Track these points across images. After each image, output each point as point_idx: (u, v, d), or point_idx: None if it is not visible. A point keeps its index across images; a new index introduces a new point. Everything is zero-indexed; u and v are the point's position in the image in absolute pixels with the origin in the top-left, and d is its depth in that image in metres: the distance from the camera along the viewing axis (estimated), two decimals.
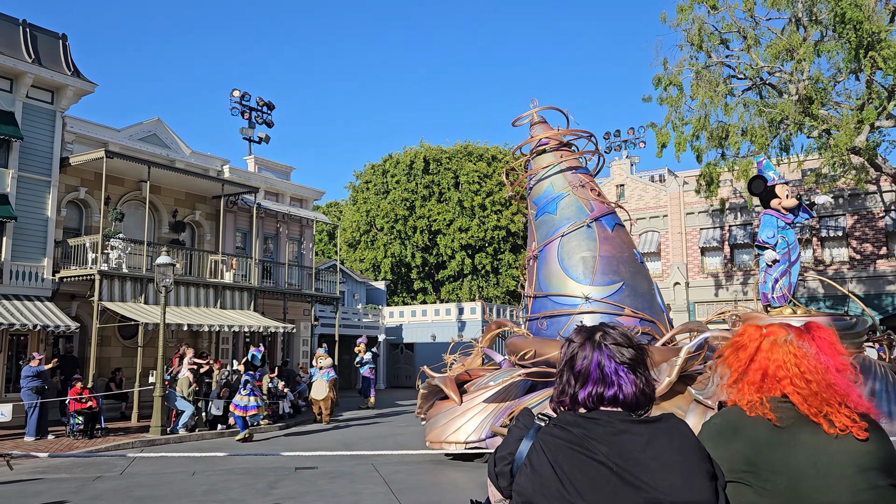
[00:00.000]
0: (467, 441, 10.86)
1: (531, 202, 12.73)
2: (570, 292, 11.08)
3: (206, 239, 23.64)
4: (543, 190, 12.40)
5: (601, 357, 1.96)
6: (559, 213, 11.98)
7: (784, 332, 2.15)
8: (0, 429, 15.75)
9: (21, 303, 17.73)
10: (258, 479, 10.47)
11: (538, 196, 12.47)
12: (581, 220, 11.66)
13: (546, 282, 11.60)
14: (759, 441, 2.04)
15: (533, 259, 12.12)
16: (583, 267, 11.17)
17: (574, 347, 2.02)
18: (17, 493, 9.49)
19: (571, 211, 11.88)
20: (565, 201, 12.05)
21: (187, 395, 16.28)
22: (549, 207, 12.13)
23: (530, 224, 12.54)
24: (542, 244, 11.96)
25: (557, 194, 12.17)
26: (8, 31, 18.73)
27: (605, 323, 2.12)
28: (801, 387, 2.04)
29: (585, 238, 11.47)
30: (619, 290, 10.99)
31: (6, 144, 18.28)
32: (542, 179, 12.52)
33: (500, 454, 2.09)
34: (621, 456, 1.87)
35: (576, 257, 11.29)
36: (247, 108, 27.72)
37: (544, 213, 12.21)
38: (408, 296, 44.08)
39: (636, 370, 1.95)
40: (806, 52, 17.66)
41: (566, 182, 12.30)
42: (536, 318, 11.60)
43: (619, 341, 1.99)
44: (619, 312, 10.81)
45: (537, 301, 11.65)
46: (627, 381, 1.93)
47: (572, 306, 11.01)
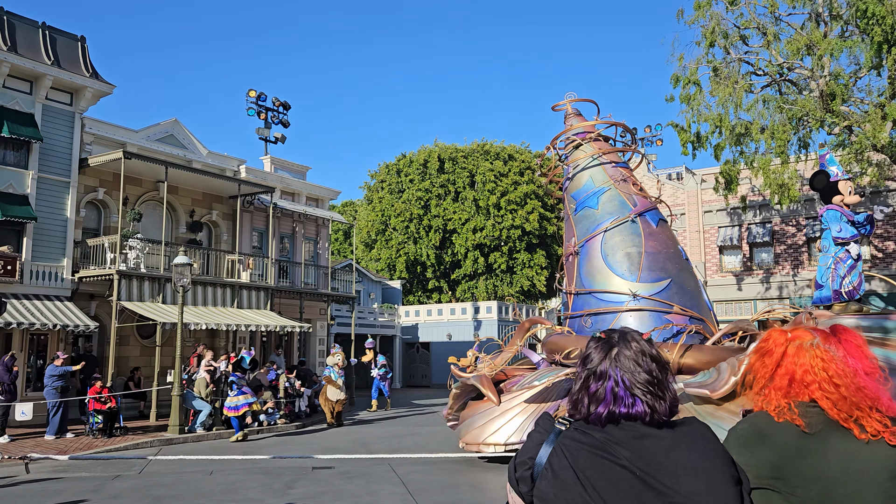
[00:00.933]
0: (507, 443, 10.42)
1: (569, 196, 12.28)
2: (616, 289, 10.67)
3: (222, 239, 23.77)
4: (583, 184, 11.88)
5: (616, 376, 1.92)
6: (601, 208, 11.56)
7: (810, 336, 2.10)
8: (21, 427, 15.93)
9: (41, 302, 17.92)
10: (275, 479, 10.49)
11: (577, 190, 12.03)
12: (624, 215, 11.19)
13: (589, 278, 11.16)
14: (788, 447, 1.99)
15: (573, 255, 11.70)
16: (628, 263, 10.79)
17: (592, 361, 1.98)
18: (38, 492, 9.57)
19: (614, 205, 11.42)
20: (607, 195, 11.64)
21: (205, 396, 16.38)
22: (590, 202, 11.71)
23: (568, 219, 12.08)
24: (584, 239, 11.53)
25: (599, 188, 11.75)
26: (28, 34, 18.93)
27: (625, 333, 2.05)
28: (829, 391, 1.99)
29: (630, 233, 11.06)
30: (667, 288, 10.56)
31: (26, 146, 18.48)
32: (580, 173, 12.07)
33: (520, 459, 2.05)
34: (644, 460, 1.84)
35: (620, 253, 10.90)
36: (263, 108, 27.83)
37: (585, 208, 11.79)
38: (423, 295, 44.10)
39: (650, 393, 1.90)
40: (827, 47, 17.41)
41: (607, 176, 11.80)
42: (579, 315, 11.15)
43: (636, 356, 1.94)
44: (668, 310, 10.34)
45: (579, 298, 11.25)
46: (641, 401, 1.89)
47: (618, 303, 10.59)
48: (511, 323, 37.18)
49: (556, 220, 41.30)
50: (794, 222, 28.78)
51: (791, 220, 28.76)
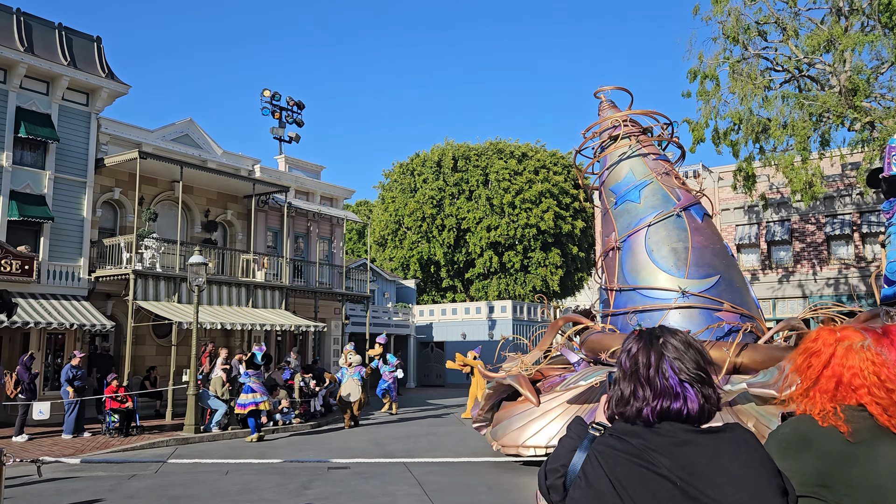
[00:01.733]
0: (549, 445, 10.04)
1: (607, 190, 11.80)
2: (663, 285, 10.26)
3: (237, 238, 23.82)
4: (623, 177, 11.43)
5: (665, 367, 1.82)
6: (643, 202, 11.04)
7: (860, 337, 1.98)
8: (39, 426, 16.01)
9: (58, 302, 18.02)
10: (291, 479, 10.44)
11: (617, 183, 11.56)
12: (668, 210, 10.77)
13: (633, 274, 10.68)
14: (834, 453, 1.88)
15: (614, 250, 11.26)
16: (674, 258, 10.38)
17: (636, 356, 1.88)
18: (54, 492, 9.58)
19: (657, 199, 10.99)
20: (649, 189, 11.13)
21: (221, 395, 16.38)
22: (631, 195, 11.26)
23: (607, 213, 11.60)
24: (626, 234, 11.08)
25: (640, 181, 11.28)
26: (44, 35, 19.04)
27: (664, 327, 1.97)
28: (880, 396, 1.88)
29: (675, 228, 10.66)
30: (716, 284, 10.13)
31: (43, 146, 18.58)
32: (619, 166, 11.62)
33: (551, 466, 1.95)
34: (685, 469, 1.73)
35: (666, 248, 10.49)
36: (277, 107, 27.87)
37: (625, 202, 11.30)
38: (437, 294, 44.05)
39: (699, 382, 1.81)
40: (848, 42, 17.12)
41: (648, 168, 11.31)
42: (623, 312, 10.66)
43: (682, 350, 1.85)
44: (718, 307, 9.91)
45: (623, 295, 10.81)
46: (692, 393, 1.79)
47: (666, 300, 10.16)
48: (527, 322, 37.02)
49: (571, 218, 41.08)
50: (815, 220, 28.42)
51: (811, 217, 28.40)
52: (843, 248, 28.31)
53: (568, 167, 43.04)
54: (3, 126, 17.79)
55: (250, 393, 15.62)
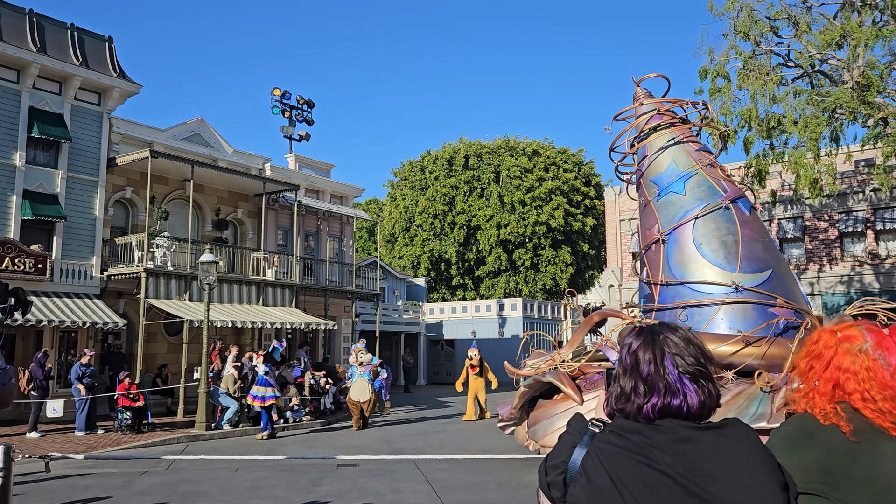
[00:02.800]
0: None
1: (648, 181, 11.36)
2: (713, 279, 9.88)
3: (248, 236, 23.93)
4: (665, 167, 10.99)
5: (666, 364, 1.82)
6: (688, 193, 10.57)
7: (861, 340, 1.97)
8: (52, 423, 16.17)
9: (71, 300, 18.17)
10: (300, 476, 10.48)
11: (659, 174, 11.08)
12: (716, 202, 10.37)
13: (680, 268, 10.26)
14: (838, 449, 1.87)
15: (658, 243, 10.89)
16: (724, 252, 9.99)
17: (636, 352, 1.87)
18: (66, 488, 9.67)
19: (703, 191, 10.58)
20: (694, 180, 10.68)
21: (232, 392, 16.47)
22: (676, 187, 10.83)
23: (648, 205, 11.13)
24: (672, 227, 10.68)
25: (684, 172, 10.85)
26: (57, 35, 19.19)
27: (664, 323, 1.97)
28: (871, 402, 1.87)
29: (723, 221, 10.26)
30: (769, 279, 9.72)
31: (56, 146, 18.74)
32: (660, 156, 11.20)
33: (551, 462, 1.95)
34: (686, 465, 1.73)
35: (715, 241, 10.09)
36: (287, 106, 27.95)
37: (669, 193, 10.82)
38: (447, 292, 44.07)
39: (700, 378, 1.82)
40: (862, 37, 16.95)
41: (691, 159, 10.91)
42: (672, 307, 10.25)
43: (682, 346, 1.85)
44: (772, 303, 9.46)
45: (670, 289, 10.37)
46: (692, 389, 1.80)
47: (717, 295, 9.74)
48: (537, 320, 36.97)
49: (582, 216, 40.97)
50: (827, 217, 28.19)
51: (823, 214, 28.18)
52: (856, 245, 28.06)
53: (578, 164, 42.92)
54: (17, 126, 17.95)
55: (267, 386, 15.63)
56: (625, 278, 36.04)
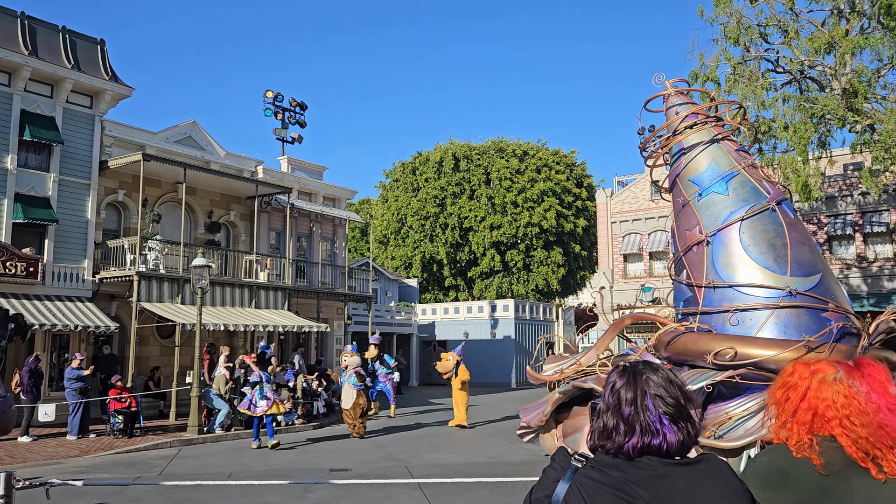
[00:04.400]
0: None
1: (686, 181, 10.97)
2: (765, 282, 9.49)
3: (240, 239, 23.94)
4: (706, 167, 10.58)
5: (647, 404, 1.90)
6: (732, 194, 10.18)
7: (833, 370, 2.07)
8: (44, 427, 16.15)
9: (63, 303, 18.15)
10: (293, 483, 10.54)
11: (698, 174, 10.59)
12: (761, 203, 9.99)
13: (727, 270, 9.86)
14: (811, 486, 1.96)
15: (701, 244, 10.61)
16: (774, 255, 9.61)
17: (619, 391, 1.96)
18: (60, 494, 9.69)
19: (746, 192, 10.17)
20: (737, 180, 10.25)
21: (224, 393, 16.48)
22: (717, 187, 10.46)
23: (687, 205, 10.82)
24: (717, 227, 10.23)
25: (726, 172, 10.34)
26: (48, 38, 19.14)
27: (649, 362, 2.06)
28: (850, 428, 1.96)
29: (770, 223, 9.89)
30: (820, 283, 9.42)
31: (48, 149, 18.70)
32: (699, 156, 10.84)
33: (536, 496, 2.04)
34: (663, 500, 1.82)
35: (764, 244, 9.71)
36: (280, 108, 27.96)
37: (711, 193, 10.34)
38: (439, 293, 44.13)
39: (679, 420, 1.89)
40: (849, 45, 17.13)
41: (732, 160, 10.54)
42: (722, 311, 9.67)
43: (663, 386, 1.93)
44: (824, 307, 9.17)
45: (717, 292, 9.96)
46: (671, 430, 1.88)
47: (770, 299, 9.35)
48: (528, 321, 37.08)
49: (573, 217, 41.10)
50: (816, 220, 28.41)
51: (812, 218, 28.39)
52: (844, 248, 28.30)
53: (570, 166, 43.05)
54: (8, 129, 17.91)
55: (262, 399, 14.40)
56: (616, 280, 36.18)
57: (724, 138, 10.70)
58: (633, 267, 35.91)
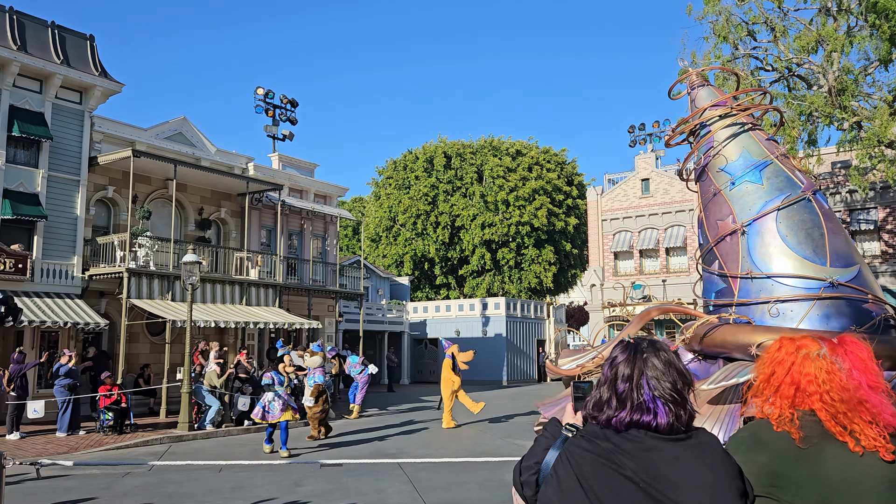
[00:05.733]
0: None
1: (718, 170, 10.96)
2: (804, 273, 9.75)
3: (231, 236, 23.87)
4: (737, 156, 10.69)
5: (642, 383, 1.93)
6: (766, 183, 10.28)
7: (817, 346, 2.11)
8: (33, 424, 16.07)
9: (52, 300, 18.06)
10: (283, 477, 10.55)
11: (730, 163, 10.70)
12: (796, 193, 10.20)
13: (765, 260, 9.97)
14: (786, 454, 2.00)
15: (735, 234, 10.36)
16: (812, 245, 9.72)
17: (618, 366, 1.99)
18: (48, 490, 9.66)
19: (781, 181, 10.30)
20: (771, 170, 10.42)
21: (215, 387, 16.43)
22: (751, 176, 10.41)
23: (719, 194, 10.73)
24: (752, 218, 10.26)
25: (759, 161, 10.47)
26: (37, 33, 19.03)
27: (654, 341, 2.06)
28: (829, 403, 2.00)
29: (806, 213, 9.93)
30: (859, 274, 9.64)
31: (36, 145, 18.60)
32: (730, 145, 10.73)
33: (526, 463, 2.07)
34: (649, 472, 1.84)
35: (802, 234, 9.81)
36: (271, 105, 27.89)
37: (744, 182, 10.48)
38: (431, 291, 44.14)
39: (673, 402, 1.92)
40: (836, 43, 17.26)
41: (764, 149, 10.77)
42: (762, 302, 9.81)
43: (662, 369, 1.95)
44: (865, 299, 9.37)
45: (755, 283, 10.22)
46: (663, 411, 1.90)
47: (811, 290, 9.56)
48: (520, 319, 37.15)
49: (564, 215, 41.22)
50: None
51: None
52: None
53: (561, 164, 43.16)
54: None
55: (279, 400, 13.04)
56: (606, 277, 36.29)
57: (754, 127, 10.72)
58: (624, 264, 36.05)
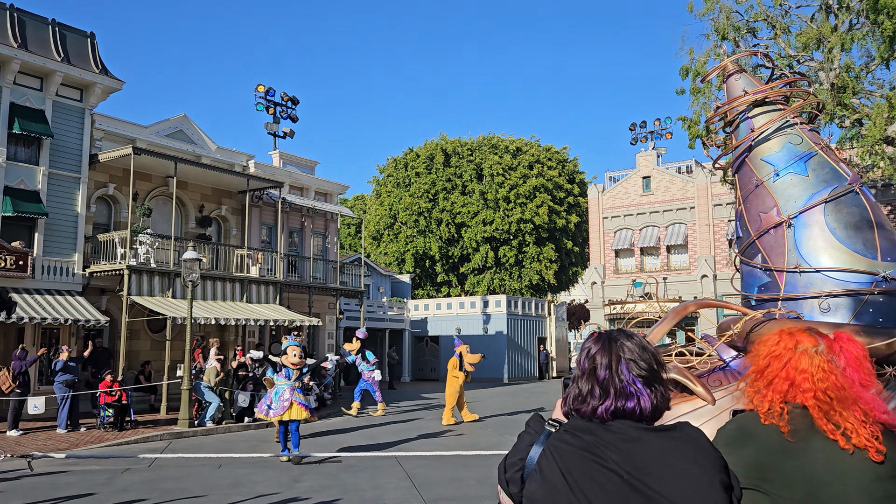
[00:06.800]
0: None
1: (760, 161, 10.60)
2: (854, 267, 9.43)
3: (231, 234, 23.90)
4: (781, 147, 10.36)
5: (621, 368, 1.93)
6: (811, 175, 10.00)
7: (814, 343, 2.11)
8: (34, 420, 16.11)
9: (53, 297, 18.09)
10: (282, 473, 10.57)
11: (772, 154, 10.36)
12: (843, 185, 9.85)
13: (813, 254, 9.70)
14: (773, 448, 2.00)
15: (780, 226, 10.04)
16: (861, 239, 9.40)
17: (594, 356, 1.99)
18: (48, 485, 9.69)
19: (827, 173, 10.01)
20: (815, 161, 10.11)
21: (214, 385, 16.47)
22: (796, 167, 10.10)
23: (761, 186, 10.38)
24: (801, 209, 9.96)
25: (804, 152, 10.18)
26: (38, 31, 19.05)
27: (623, 329, 2.08)
28: (823, 400, 2.00)
29: (854, 205, 9.58)
30: None
31: (37, 142, 18.62)
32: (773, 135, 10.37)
33: (510, 460, 2.07)
34: (633, 464, 1.84)
35: (851, 227, 9.51)
36: (271, 103, 27.91)
37: (789, 174, 10.19)
38: (432, 289, 44.17)
39: (653, 382, 1.93)
40: (837, 41, 17.22)
41: (808, 140, 10.45)
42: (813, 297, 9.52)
43: (637, 352, 1.96)
44: None
45: (803, 277, 9.91)
46: (645, 393, 1.91)
47: (862, 284, 9.31)
48: (521, 317, 37.16)
49: (566, 213, 41.21)
50: None
51: None
52: None
53: (562, 162, 43.16)
54: None
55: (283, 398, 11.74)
56: (607, 275, 36.30)
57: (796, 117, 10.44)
58: (625, 262, 36.04)
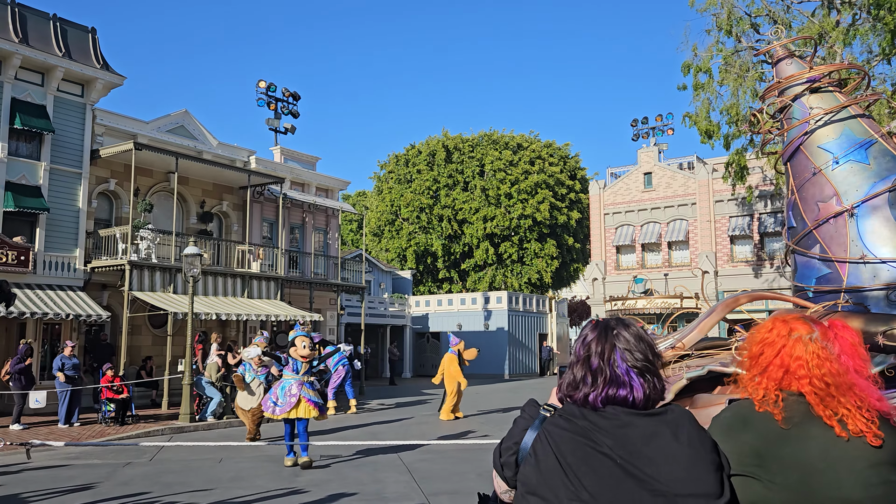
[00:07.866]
0: None
1: (817, 148, 10.39)
2: None
3: (233, 229, 23.92)
4: (840, 134, 10.17)
5: (615, 357, 1.95)
6: (873, 163, 9.81)
7: (809, 330, 2.11)
8: (35, 415, 16.16)
9: (54, 292, 18.13)
10: (283, 467, 10.59)
11: (829, 141, 10.15)
12: None
13: (878, 244, 9.46)
14: (770, 434, 2.01)
15: (842, 215, 9.83)
16: None
17: (590, 344, 2.00)
18: (49, 479, 9.73)
19: (889, 161, 9.78)
20: (877, 149, 9.91)
21: (215, 381, 16.50)
22: (857, 155, 9.88)
23: (818, 174, 10.15)
24: (862, 199, 9.72)
25: (864, 140, 9.98)
26: (39, 26, 19.06)
27: (621, 318, 2.09)
28: (819, 387, 2.01)
29: None
30: None
31: (38, 137, 18.64)
32: (831, 122, 10.15)
33: (505, 444, 2.09)
34: (625, 448, 1.86)
35: None
36: (273, 98, 27.91)
37: (849, 161, 10.01)
38: (433, 285, 44.19)
39: (646, 373, 1.95)
40: (838, 36, 17.19)
41: (866, 127, 10.21)
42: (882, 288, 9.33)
43: (633, 342, 1.98)
44: None
45: (868, 268, 9.68)
46: (638, 383, 1.93)
47: None
48: (522, 313, 37.17)
49: (567, 209, 41.19)
50: None
51: None
52: None
53: (564, 158, 43.12)
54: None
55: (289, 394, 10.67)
56: (608, 271, 36.29)
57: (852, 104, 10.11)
58: (626, 258, 36.05)
